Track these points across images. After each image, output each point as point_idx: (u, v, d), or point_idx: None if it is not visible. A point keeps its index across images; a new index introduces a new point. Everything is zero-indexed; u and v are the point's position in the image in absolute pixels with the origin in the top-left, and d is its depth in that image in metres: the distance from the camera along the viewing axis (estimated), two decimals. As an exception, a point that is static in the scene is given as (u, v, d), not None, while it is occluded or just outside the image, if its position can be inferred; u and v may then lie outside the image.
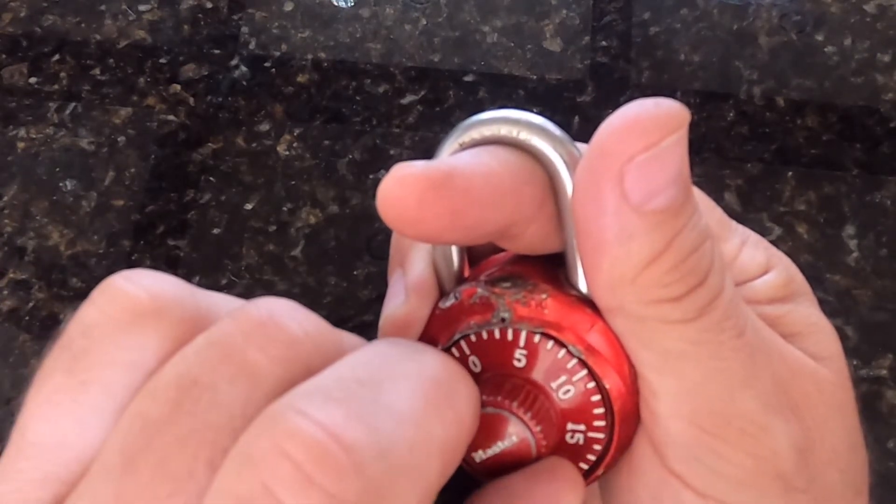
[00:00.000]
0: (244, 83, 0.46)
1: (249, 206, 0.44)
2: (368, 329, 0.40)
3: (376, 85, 0.46)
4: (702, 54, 0.46)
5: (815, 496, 0.16)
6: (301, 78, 0.46)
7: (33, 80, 0.47)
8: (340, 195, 0.44)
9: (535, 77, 0.46)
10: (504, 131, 0.16)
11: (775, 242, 0.36)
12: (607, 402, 0.16)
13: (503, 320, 0.16)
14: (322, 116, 0.45)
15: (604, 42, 0.47)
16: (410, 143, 0.45)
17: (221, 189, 0.44)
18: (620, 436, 0.17)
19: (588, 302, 0.16)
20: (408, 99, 0.46)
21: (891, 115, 0.45)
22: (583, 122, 0.45)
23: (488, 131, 0.16)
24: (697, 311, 0.15)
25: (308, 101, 0.46)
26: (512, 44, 0.47)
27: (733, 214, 0.29)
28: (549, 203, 0.16)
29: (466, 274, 0.18)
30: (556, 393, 0.17)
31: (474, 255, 0.19)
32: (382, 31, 0.47)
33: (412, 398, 0.14)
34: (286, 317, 0.15)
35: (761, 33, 0.47)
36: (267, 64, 0.47)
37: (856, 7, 0.48)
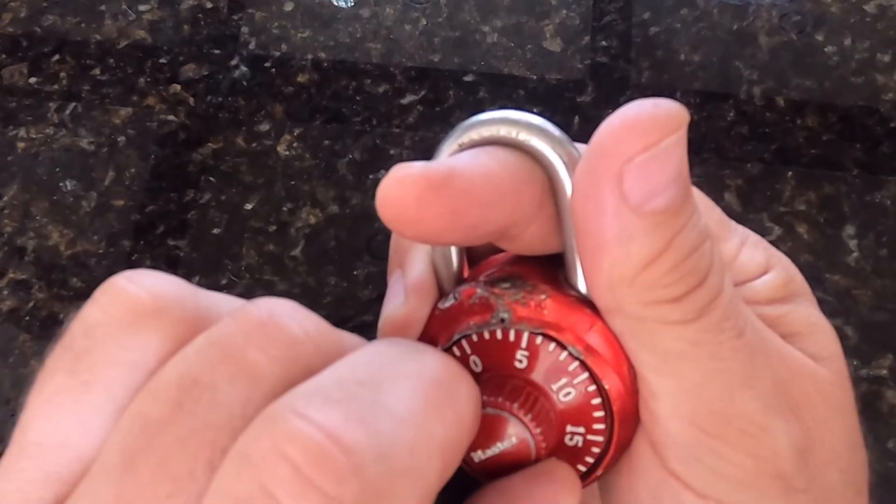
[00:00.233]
0: (244, 83, 0.46)
1: (249, 206, 0.44)
2: (368, 329, 0.40)
3: (376, 85, 0.46)
4: (702, 54, 0.46)
5: (815, 496, 0.16)
6: (301, 78, 0.46)
7: (33, 80, 0.47)
8: (340, 195, 0.44)
9: (535, 77, 0.46)
10: (503, 132, 0.16)
11: (775, 242, 0.36)
12: (607, 403, 0.16)
13: (502, 321, 0.16)
14: (322, 116, 0.45)
15: (604, 42, 0.47)
16: (410, 143, 0.45)
17: (221, 189, 0.44)
18: (620, 436, 0.17)
19: (587, 302, 0.16)
20: (408, 99, 0.46)
21: (891, 115, 0.45)
22: (583, 122, 0.45)
23: (487, 132, 0.16)
24: (697, 312, 0.15)
25: (308, 101, 0.46)
26: (512, 44, 0.47)
27: (733, 214, 0.29)
28: (549, 204, 0.16)
29: (466, 274, 0.18)
30: (556, 394, 0.17)
31: (474, 256, 0.19)
32: (382, 31, 0.47)
33: (412, 399, 0.14)
34: (286, 317, 0.15)
35: (761, 33, 0.47)
36: (267, 64, 0.47)
37: (856, 7, 0.48)
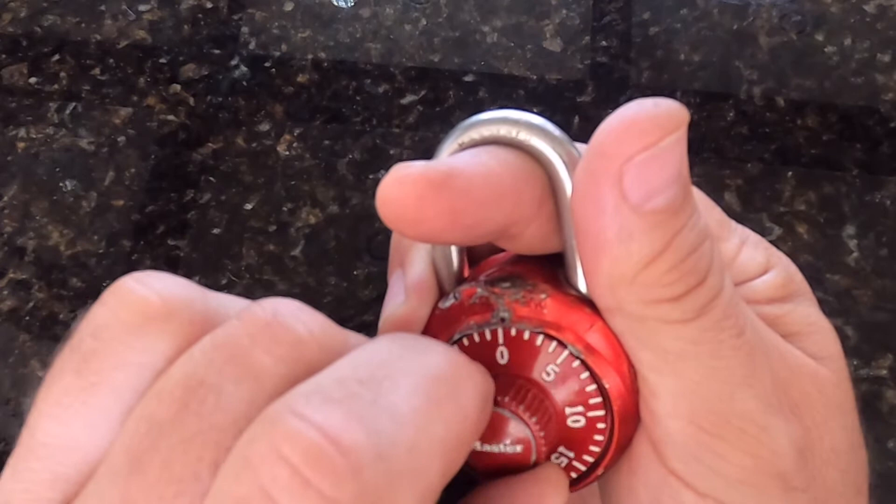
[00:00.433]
0: (244, 83, 0.46)
1: (249, 206, 0.44)
2: (368, 329, 0.40)
3: (376, 85, 0.46)
4: (702, 54, 0.46)
5: (815, 495, 0.16)
6: (301, 78, 0.46)
7: (33, 80, 0.47)
8: (340, 195, 0.44)
9: (535, 77, 0.46)
10: (503, 131, 0.16)
11: (775, 242, 0.36)
12: (607, 402, 0.16)
13: (503, 320, 0.16)
14: (322, 116, 0.45)
15: (604, 42, 0.47)
16: (410, 143, 0.45)
17: (221, 189, 0.44)
18: (620, 435, 0.17)
19: (587, 302, 0.16)
20: (408, 99, 0.46)
21: (891, 115, 0.45)
22: (583, 122, 0.45)
23: (487, 132, 0.16)
24: (697, 311, 0.15)
25: (308, 101, 0.46)
26: (512, 44, 0.47)
27: (733, 214, 0.29)
28: (549, 203, 0.16)
29: (466, 274, 0.18)
30: (566, 411, 0.17)
31: (474, 256, 0.19)
32: (382, 31, 0.47)
33: (413, 397, 0.14)
34: (291, 317, 0.15)
35: (761, 33, 0.47)
36: (267, 64, 0.47)
37: (856, 7, 0.48)
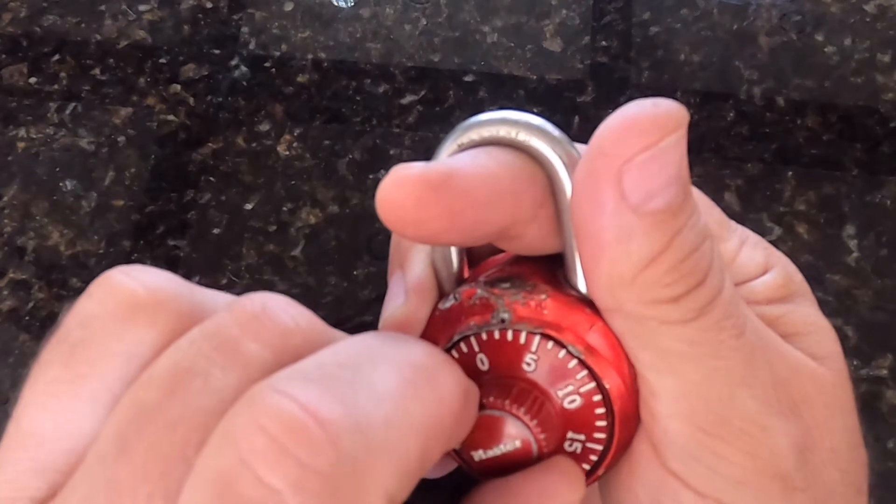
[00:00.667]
0: (244, 83, 0.46)
1: (249, 206, 0.44)
2: (368, 329, 0.40)
3: (376, 85, 0.46)
4: (702, 54, 0.46)
5: (815, 495, 0.16)
6: (301, 78, 0.46)
7: (33, 80, 0.47)
8: (340, 195, 0.44)
9: (535, 77, 0.46)
10: (503, 132, 0.16)
11: (775, 242, 0.36)
12: (607, 403, 0.16)
13: (503, 321, 0.16)
14: (322, 116, 0.45)
15: (604, 42, 0.47)
16: (410, 143, 0.45)
17: (221, 189, 0.44)
18: (620, 436, 0.17)
19: (587, 302, 0.16)
20: (408, 99, 0.46)
21: (891, 115, 0.45)
22: (583, 122, 0.45)
23: (487, 132, 0.16)
24: (697, 311, 0.15)
25: (308, 101, 0.46)
26: (512, 44, 0.47)
27: (733, 214, 0.29)
28: (548, 204, 0.16)
29: (466, 275, 0.18)
30: (557, 394, 0.17)
31: (474, 256, 0.19)
32: (382, 31, 0.47)
33: (390, 377, 0.14)
34: (279, 310, 0.15)
35: (761, 33, 0.47)
36: (267, 64, 0.47)
37: (856, 7, 0.48)
